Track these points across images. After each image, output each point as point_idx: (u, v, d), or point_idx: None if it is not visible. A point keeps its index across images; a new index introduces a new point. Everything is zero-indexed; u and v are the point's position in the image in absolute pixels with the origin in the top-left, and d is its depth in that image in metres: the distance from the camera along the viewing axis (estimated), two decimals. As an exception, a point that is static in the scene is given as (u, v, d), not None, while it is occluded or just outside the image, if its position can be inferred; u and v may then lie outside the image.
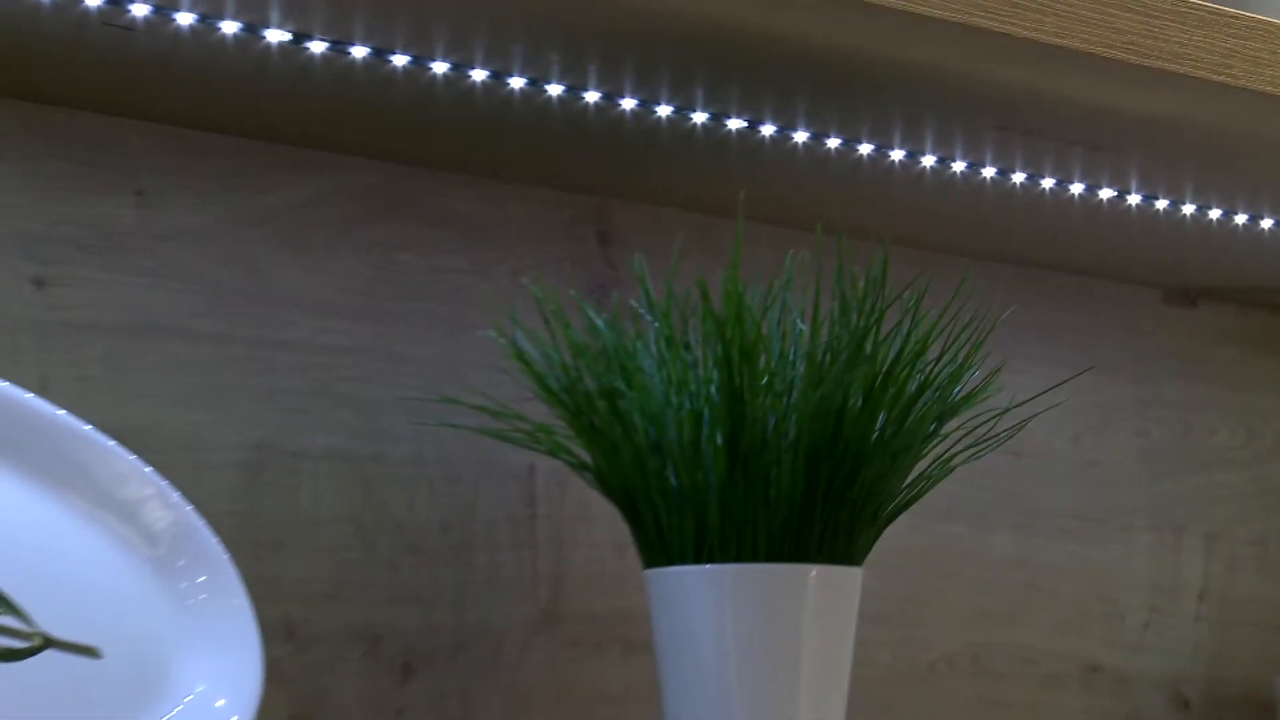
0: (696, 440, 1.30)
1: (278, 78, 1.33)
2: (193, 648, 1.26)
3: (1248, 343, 1.89)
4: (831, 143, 1.48)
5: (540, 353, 1.36)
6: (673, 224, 1.57)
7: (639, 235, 1.58)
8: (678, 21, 1.27)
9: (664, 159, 1.49)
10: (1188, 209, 1.64)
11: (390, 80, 1.34)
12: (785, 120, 1.44)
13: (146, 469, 1.28)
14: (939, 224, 1.65)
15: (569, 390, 1.34)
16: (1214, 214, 1.65)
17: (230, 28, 1.26)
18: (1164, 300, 1.85)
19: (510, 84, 1.35)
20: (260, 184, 1.45)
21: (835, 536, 1.31)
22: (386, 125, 1.43)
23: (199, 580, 1.27)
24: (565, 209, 1.56)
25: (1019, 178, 1.56)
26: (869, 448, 1.31)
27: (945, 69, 1.36)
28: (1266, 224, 1.68)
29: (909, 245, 1.64)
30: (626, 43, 1.30)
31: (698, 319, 1.32)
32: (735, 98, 1.40)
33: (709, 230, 1.57)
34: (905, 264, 1.46)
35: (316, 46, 1.29)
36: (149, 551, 1.27)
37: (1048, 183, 1.57)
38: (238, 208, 1.44)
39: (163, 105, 1.39)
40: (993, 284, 1.72)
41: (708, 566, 1.30)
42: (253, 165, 1.44)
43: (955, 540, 1.72)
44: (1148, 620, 1.82)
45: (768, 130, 1.45)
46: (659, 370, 1.32)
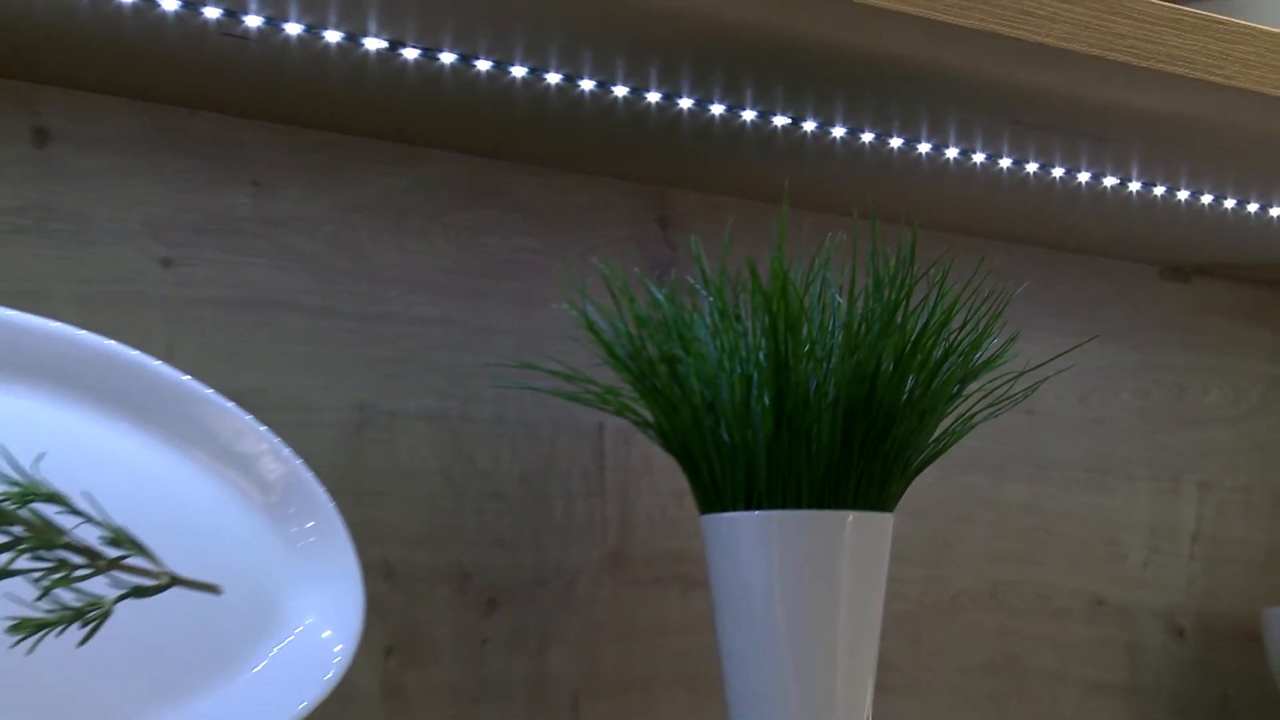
0: (746, 401, 1.29)
1: (375, 81, 1.32)
2: (302, 585, 1.26)
3: (1236, 314, 1.89)
4: (866, 137, 1.47)
5: (608, 324, 1.36)
6: (725, 209, 1.56)
7: (695, 220, 1.57)
8: (730, 30, 1.27)
9: (717, 152, 1.49)
10: (1182, 195, 1.63)
11: (474, 83, 1.33)
12: (824, 118, 1.43)
13: (261, 427, 1.28)
14: (961, 209, 1.64)
15: (633, 357, 1.34)
16: (1206, 199, 1.64)
17: (333, 37, 1.25)
18: (1161, 276, 1.84)
19: (580, 86, 1.35)
20: (361, 175, 1.44)
21: (869, 486, 1.30)
22: (471, 123, 1.42)
23: (308, 525, 1.27)
24: (629, 197, 1.56)
25: (1032, 167, 1.55)
26: (899, 408, 1.30)
27: (966, 71, 1.35)
28: (1253, 208, 1.67)
29: (934, 228, 1.63)
30: (683, 49, 1.30)
31: (747, 294, 1.32)
32: (780, 97, 1.39)
33: (757, 215, 1.56)
34: (931, 245, 1.46)
35: (409, 53, 1.28)
36: (263, 500, 1.27)
37: (1058, 172, 1.56)
38: (341, 196, 1.43)
39: (274, 105, 1.38)
40: (1009, 262, 1.71)
41: (757, 513, 1.29)
42: (354, 158, 1.44)
43: (976, 489, 1.71)
44: (1147, 559, 1.81)
45: (809, 126, 1.44)
46: (713, 339, 1.32)
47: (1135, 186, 1.61)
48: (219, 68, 1.30)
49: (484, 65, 1.31)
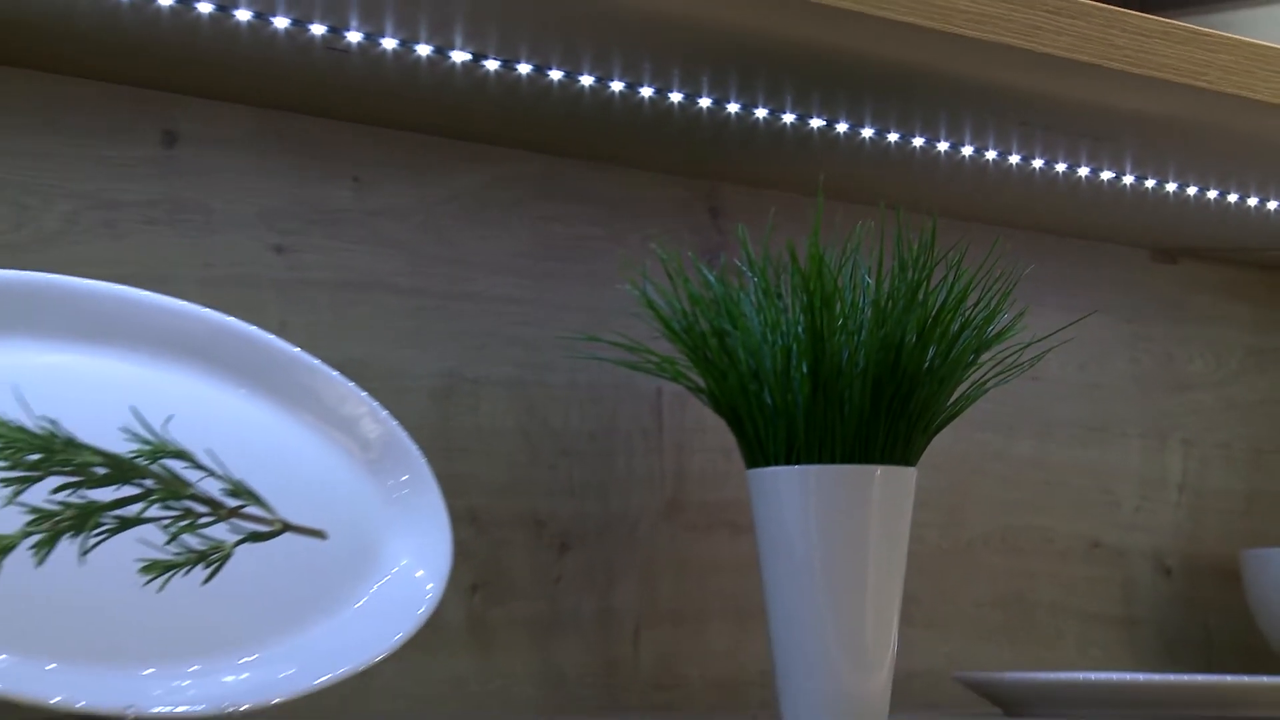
0: (787, 369, 1.29)
1: (460, 89, 1.32)
2: (397, 531, 1.26)
3: (1218, 291, 1.87)
4: (891, 137, 1.46)
5: (665, 301, 1.35)
6: (768, 200, 1.56)
7: (741, 210, 1.57)
8: (772, 43, 1.26)
9: (761, 150, 1.48)
10: (1170, 186, 1.62)
11: (547, 90, 1.33)
12: (855, 120, 1.43)
13: (361, 393, 1.28)
14: (975, 200, 1.63)
15: (687, 330, 1.33)
16: (1191, 190, 1.63)
17: (424, 50, 1.25)
18: (1151, 258, 1.83)
19: (640, 93, 1.35)
20: (448, 171, 1.44)
21: (895, 443, 1.30)
22: (543, 125, 1.42)
23: (402, 479, 1.27)
24: (683, 190, 1.55)
25: (1038, 163, 1.54)
26: (921, 374, 1.30)
27: (980, 78, 1.35)
28: (1232, 198, 1.66)
29: (951, 217, 1.62)
30: (731, 61, 1.30)
31: (788, 275, 1.31)
32: (816, 102, 1.39)
33: (796, 205, 1.55)
34: (949, 231, 1.45)
35: (490, 65, 1.28)
36: (363, 456, 1.27)
37: (1060, 167, 1.55)
38: (431, 189, 1.43)
39: (372, 110, 1.38)
40: (1017, 246, 1.70)
41: (796, 467, 1.29)
42: (442, 156, 1.44)
43: (988, 446, 1.70)
44: (1138, 506, 1.80)
45: (841, 127, 1.44)
46: (757, 315, 1.31)
47: (1129, 179, 1.60)
48: (324, 78, 1.30)
49: (555, 75, 1.31)
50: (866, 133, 1.45)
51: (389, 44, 1.24)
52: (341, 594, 1.21)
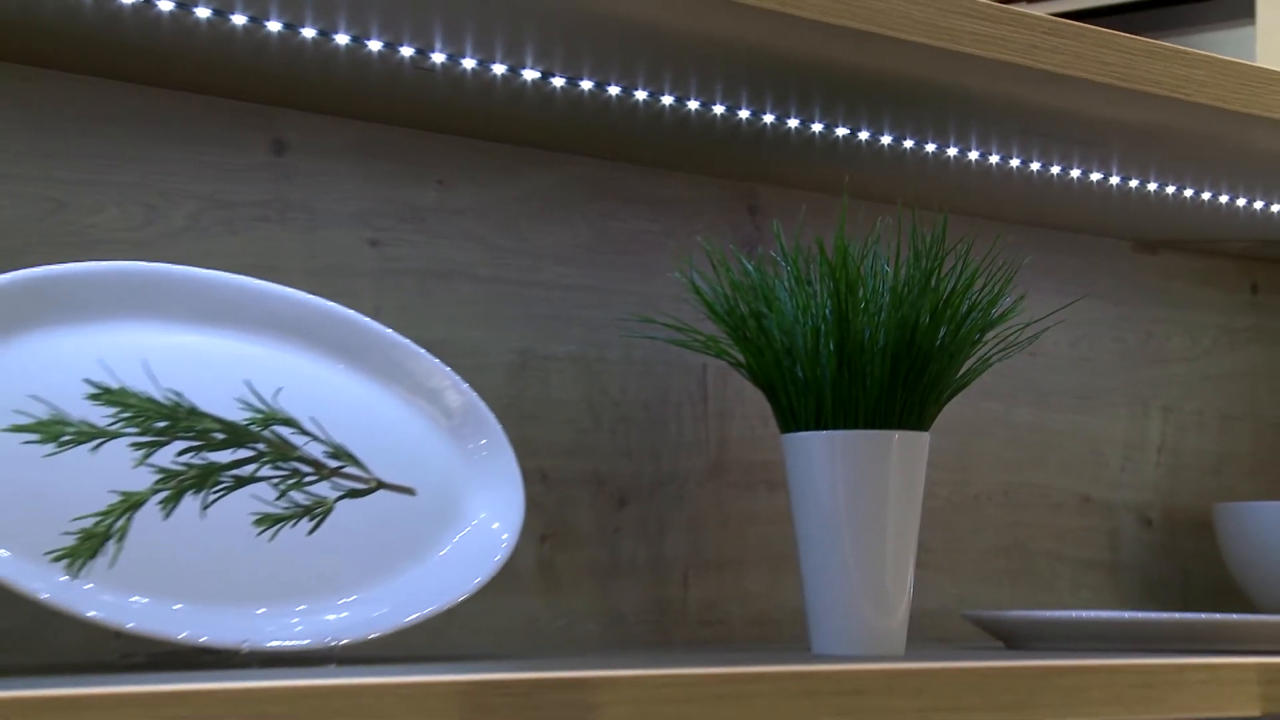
0: (816, 347, 1.28)
1: (531, 103, 1.32)
2: (476, 488, 1.25)
3: (1193, 278, 1.86)
4: (907, 143, 1.45)
5: (709, 287, 1.35)
6: (799, 199, 1.55)
7: (776, 208, 1.56)
8: (802, 61, 1.26)
9: (793, 155, 1.47)
10: (1151, 186, 1.61)
11: (607, 104, 1.32)
12: (875, 128, 1.42)
13: (445, 368, 1.28)
14: (980, 198, 1.63)
15: (729, 313, 1.33)
16: (1170, 189, 1.62)
17: (499, 69, 1.25)
18: (1134, 249, 1.82)
19: (688, 106, 1.34)
20: (520, 174, 1.44)
21: (910, 411, 1.29)
22: (604, 134, 1.42)
23: (481, 443, 1.27)
24: (725, 190, 1.55)
25: (1035, 166, 1.53)
26: (934, 351, 1.29)
27: (984, 92, 1.34)
28: (1206, 195, 1.65)
29: (960, 213, 1.61)
30: (767, 76, 1.29)
31: (817, 264, 1.31)
32: (841, 113, 1.38)
33: (824, 204, 1.55)
34: (958, 226, 1.44)
35: (557, 81, 1.28)
36: (447, 423, 1.27)
37: (1055, 169, 1.54)
38: (506, 190, 1.43)
39: (454, 121, 1.38)
40: (1017, 240, 1.69)
41: (824, 432, 1.28)
42: (515, 161, 1.43)
43: (992, 413, 1.69)
44: (1123, 465, 1.79)
45: (863, 135, 1.43)
46: (790, 299, 1.31)
47: (1115, 180, 1.59)
48: (412, 94, 1.30)
49: (614, 90, 1.30)
50: (885, 140, 1.44)
51: (468, 64, 1.24)
52: (428, 543, 1.21)
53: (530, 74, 1.26)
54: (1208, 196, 1.65)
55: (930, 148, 1.47)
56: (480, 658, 1.22)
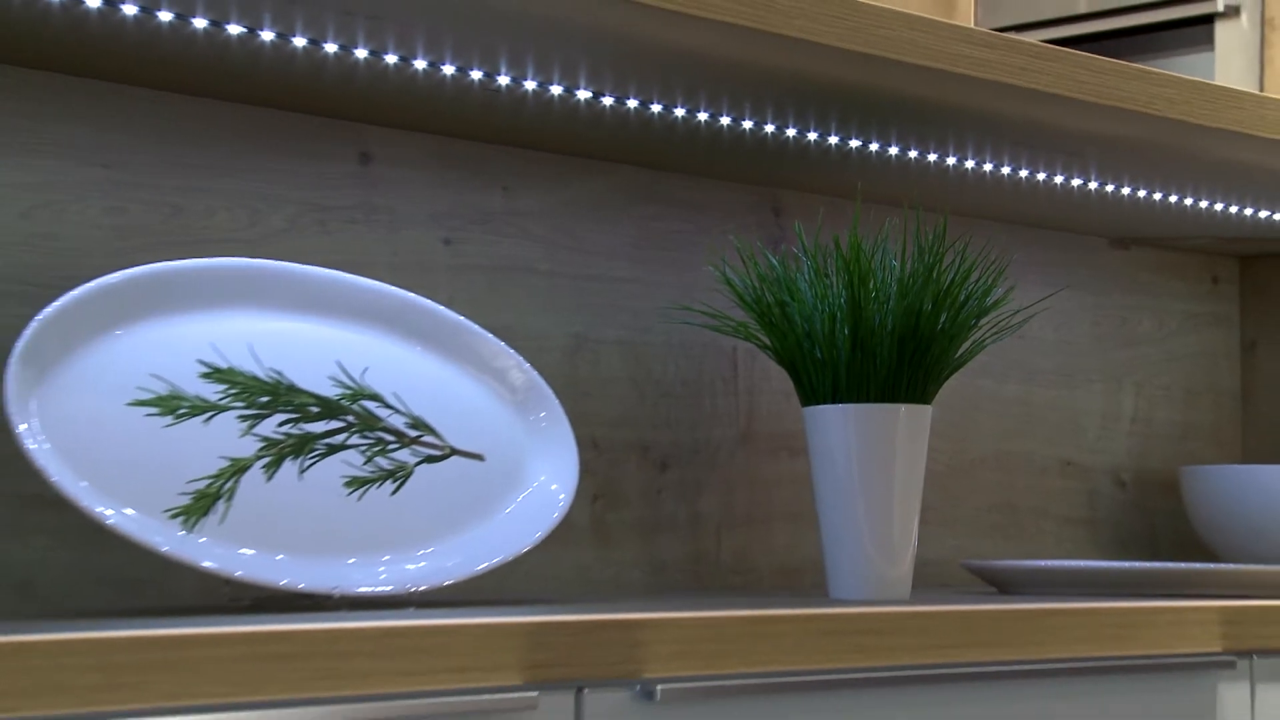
0: (832, 331, 1.28)
1: (584, 119, 1.31)
2: (537, 454, 1.25)
3: (1161, 270, 1.85)
4: (911, 153, 1.44)
5: (739, 279, 1.34)
6: (817, 203, 1.55)
7: (797, 210, 1.55)
8: (820, 82, 1.25)
9: (812, 164, 1.47)
10: (1125, 190, 1.60)
11: (650, 120, 1.32)
12: (884, 140, 1.41)
13: (510, 350, 1.27)
14: (976, 201, 1.62)
15: (756, 301, 1.32)
16: (1141, 193, 1.61)
17: (556, 90, 1.25)
18: (1110, 245, 1.81)
19: (721, 121, 1.33)
20: (574, 181, 1.43)
21: (915, 387, 1.29)
22: (647, 146, 1.41)
23: (541, 415, 1.26)
24: (753, 195, 1.54)
25: (1023, 173, 1.52)
26: (935, 334, 1.28)
27: (979, 108, 1.34)
28: (1173, 199, 1.63)
29: (958, 214, 1.60)
30: (790, 95, 1.28)
31: (833, 259, 1.30)
32: (855, 126, 1.37)
33: (840, 207, 1.54)
34: (956, 226, 1.44)
35: (607, 100, 1.27)
36: (512, 398, 1.26)
37: (1040, 175, 1.53)
38: (562, 195, 1.42)
39: (517, 135, 1.37)
40: (1009, 237, 1.68)
41: (839, 405, 1.27)
42: (570, 170, 1.43)
43: (986, 389, 1.68)
44: (1100, 434, 1.78)
45: (874, 146, 1.42)
46: (810, 289, 1.30)
47: (1093, 185, 1.57)
48: (480, 111, 1.30)
49: (656, 108, 1.30)
50: (893, 150, 1.43)
51: (530, 85, 1.23)
52: (495, 502, 1.21)
53: (583, 94, 1.26)
54: (1174, 199, 1.64)
55: (932, 157, 1.46)
56: (540, 601, 1.22)
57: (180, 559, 1.05)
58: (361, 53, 1.16)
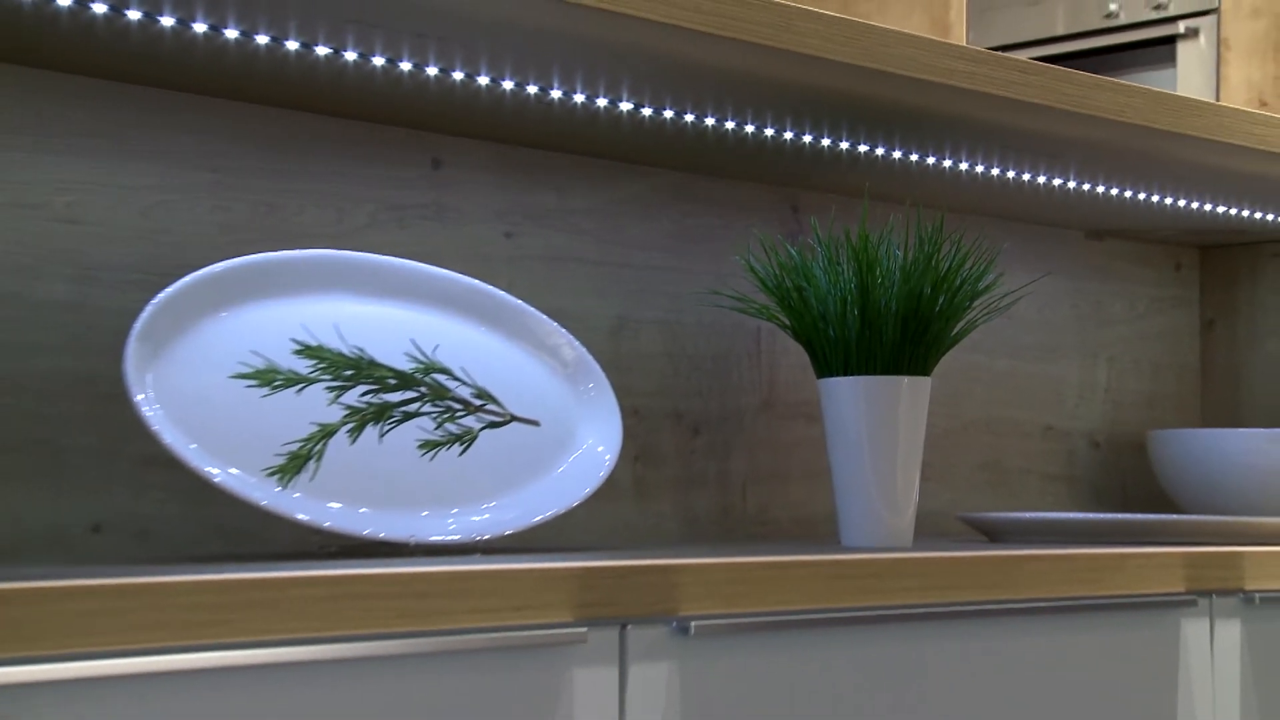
0: (844, 312, 1.27)
1: (627, 127, 1.31)
2: (586, 420, 1.24)
3: (1132, 259, 1.83)
4: (913, 157, 1.43)
5: (762, 268, 1.33)
6: (830, 201, 1.53)
7: (813, 207, 1.54)
8: (832, 94, 1.24)
9: (826, 167, 1.45)
10: (1100, 188, 1.58)
11: (684, 129, 1.31)
12: (889, 145, 1.40)
13: (562, 329, 1.27)
14: (970, 199, 1.60)
15: (777, 286, 1.31)
16: (1114, 191, 1.59)
17: (602, 102, 1.24)
18: (1086, 237, 1.79)
19: (746, 129, 1.32)
20: (619, 182, 1.42)
21: (917, 362, 1.27)
22: (682, 151, 1.40)
23: (589, 386, 1.26)
24: (774, 194, 1.53)
25: (1010, 174, 1.51)
26: (934, 315, 1.27)
27: (972, 116, 1.32)
28: (1142, 196, 1.62)
29: (954, 211, 1.59)
30: (808, 106, 1.27)
31: (844, 250, 1.29)
32: (863, 133, 1.36)
33: (850, 204, 1.53)
34: (952, 220, 1.43)
35: (646, 111, 1.26)
36: (563, 371, 1.26)
37: (1025, 176, 1.52)
38: (606, 195, 1.41)
39: (568, 142, 1.37)
40: (998, 230, 1.67)
41: (850, 378, 1.26)
42: (615, 172, 1.42)
43: (978, 362, 1.67)
44: (1077, 402, 1.76)
45: (880, 151, 1.41)
46: (824, 276, 1.29)
47: (1071, 184, 1.56)
48: (536, 121, 1.29)
49: (689, 118, 1.29)
50: (896, 154, 1.42)
51: (579, 98, 1.23)
52: (549, 463, 1.21)
53: (625, 106, 1.25)
54: (1143, 197, 1.62)
55: (931, 160, 1.45)
56: (589, 549, 1.21)
57: (277, 512, 1.05)
58: (432, 70, 1.16)
